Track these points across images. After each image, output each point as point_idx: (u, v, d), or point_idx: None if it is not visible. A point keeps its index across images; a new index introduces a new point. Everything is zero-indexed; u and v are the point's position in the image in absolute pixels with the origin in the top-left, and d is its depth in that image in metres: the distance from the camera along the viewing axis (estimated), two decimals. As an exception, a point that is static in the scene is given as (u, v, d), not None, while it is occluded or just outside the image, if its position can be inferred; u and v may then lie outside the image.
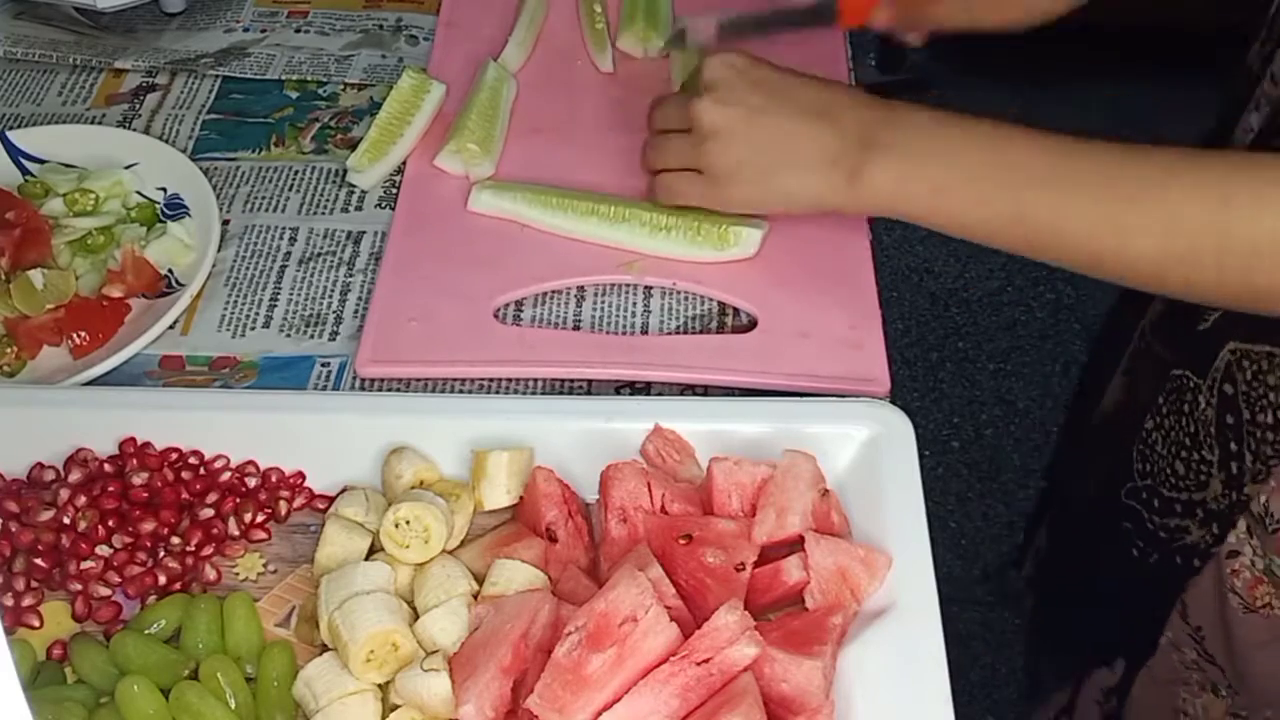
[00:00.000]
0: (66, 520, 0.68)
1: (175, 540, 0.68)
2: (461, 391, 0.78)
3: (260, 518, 0.69)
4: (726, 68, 0.79)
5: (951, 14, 0.91)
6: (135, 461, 0.70)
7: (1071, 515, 1.06)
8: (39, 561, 0.67)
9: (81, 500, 0.68)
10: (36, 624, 0.66)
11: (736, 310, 0.83)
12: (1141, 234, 0.68)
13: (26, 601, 0.66)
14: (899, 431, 0.69)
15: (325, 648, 0.63)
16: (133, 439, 0.71)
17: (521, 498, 0.69)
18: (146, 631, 0.64)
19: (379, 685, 0.61)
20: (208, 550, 0.68)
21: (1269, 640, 0.85)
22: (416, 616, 0.63)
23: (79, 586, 0.66)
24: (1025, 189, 0.71)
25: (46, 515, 0.68)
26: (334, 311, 0.83)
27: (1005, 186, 0.72)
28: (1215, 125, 0.88)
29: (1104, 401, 1.00)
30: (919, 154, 0.74)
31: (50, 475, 0.71)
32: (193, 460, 0.71)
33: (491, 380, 0.79)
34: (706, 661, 0.58)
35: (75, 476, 0.69)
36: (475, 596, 0.64)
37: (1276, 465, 0.79)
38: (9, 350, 0.80)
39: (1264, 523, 0.81)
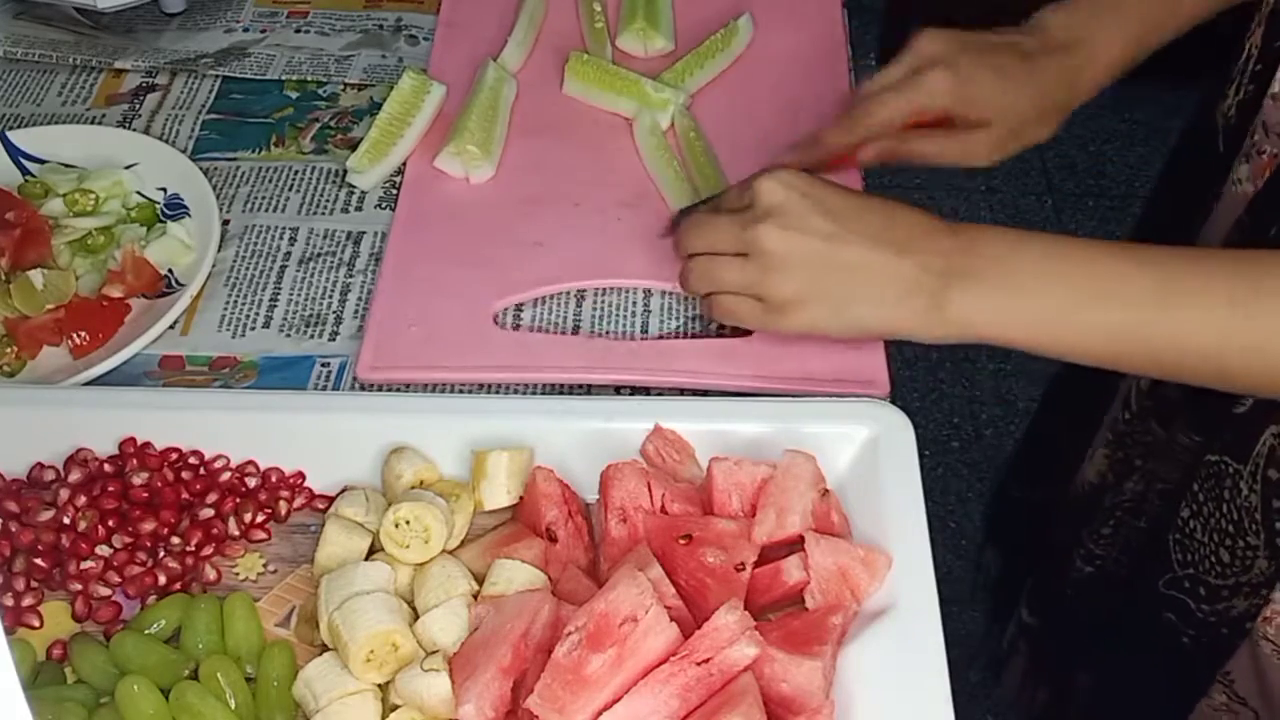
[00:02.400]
0: (66, 520, 0.68)
1: (175, 540, 0.68)
2: (462, 391, 0.78)
3: (260, 518, 0.69)
4: (786, 189, 0.73)
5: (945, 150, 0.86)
6: (135, 461, 0.70)
7: (1079, 596, 1.04)
8: (39, 561, 0.67)
9: (81, 500, 0.68)
10: (36, 624, 0.66)
11: (736, 310, 0.82)
12: (1263, 344, 0.65)
13: (26, 601, 0.66)
14: (899, 431, 0.69)
15: (325, 648, 0.63)
16: (133, 439, 0.71)
17: (521, 498, 0.69)
18: (146, 631, 0.64)
19: (379, 685, 0.61)
20: (208, 550, 0.68)
21: None
22: (416, 616, 0.63)
23: (79, 586, 0.66)
24: (1133, 310, 0.68)
25: (46, 515, 0.68)
26: (334, 312, 0.83)
27: (1110, 310, 0.69)
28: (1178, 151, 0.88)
29: (1086, 473, 0.99)
30: (1007, 286, 0.70)
31: (50, 475, 0.71)
32: (193, 460, 0.71)
33: (491, 385, 0.79)
34: (706, 661, 0.58)
35: (75, 476, 0.69)
36: (475, 596, 0.64)
37: None
38: (9, 350, 0.80)
39: None
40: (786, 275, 0.72)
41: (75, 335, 0.80)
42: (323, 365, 0.80)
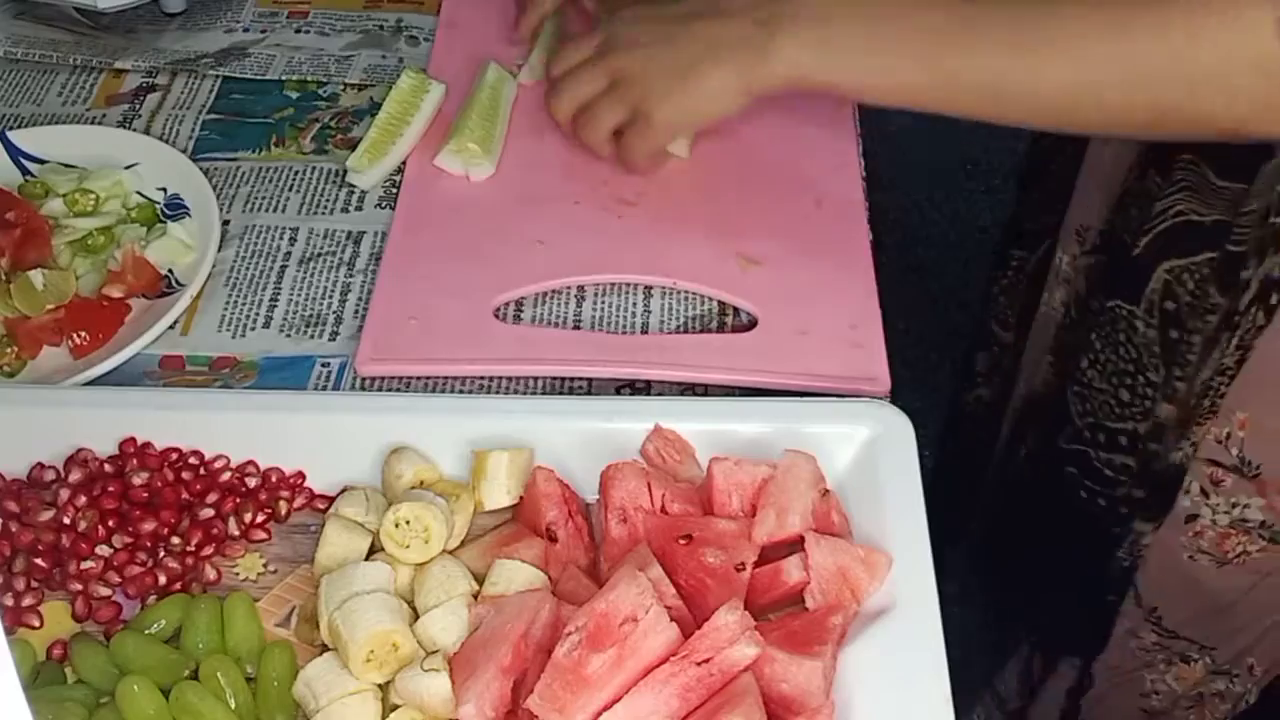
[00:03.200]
0: (66, 520, 0.68)
1: (175, 540, 0.68)
2: (461, 391, 0.78)
3: (260, 518, 0.69)
4: (624, 19, 0.83)
5: None
6: (135, 461, 0.70)
7: (1007, 483, 1.06)
8: (39, 561, 0.67)
9: (81, 500, 0.68)
10: (36, 624, 0.66)
11: (736, 310, 0.83)
12: (1051, 70, 0.69)
13: (26, 601, 0.66)
14: (899, 431, 0.69)
15: (325, 648, 0.63)
16: (133, 439, 0.71)
17: (521, 498, 0.69)
18: (146, 631, 0.64)
19: (379, 685, 0.61)
20: (208, 550, 0.68)
21: (1253, 584, 0.86)
22: (416, 616, 0.63)
23: (79, 586, 0.66)
24: (927, 40, 0.73)
25: (46, 515, 0.68)
26: (334, 312, 0.83)
27: (904, 39, 0.73)
28: None
29: (1034, 382, 1.00)
30: (824, 28, 0.75)
31: (50, 475, 0.70)
32: (193, 460, 0.71)
33: (491, 379, 0.79)
34: (707, 661, 0.58)
35: (75, 476, 0.69)
36: (475, 596, 0.64)
37: (1223, 399, 0.80)
38: (9, 350, 0.80)
39: (1242, 470, 0.82)
40: (632, 53, 0.81)
41: (75, 335, 0.80)
42: (323, 365, 0.80)
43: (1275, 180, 0.74)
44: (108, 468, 0.70)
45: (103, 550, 0.67)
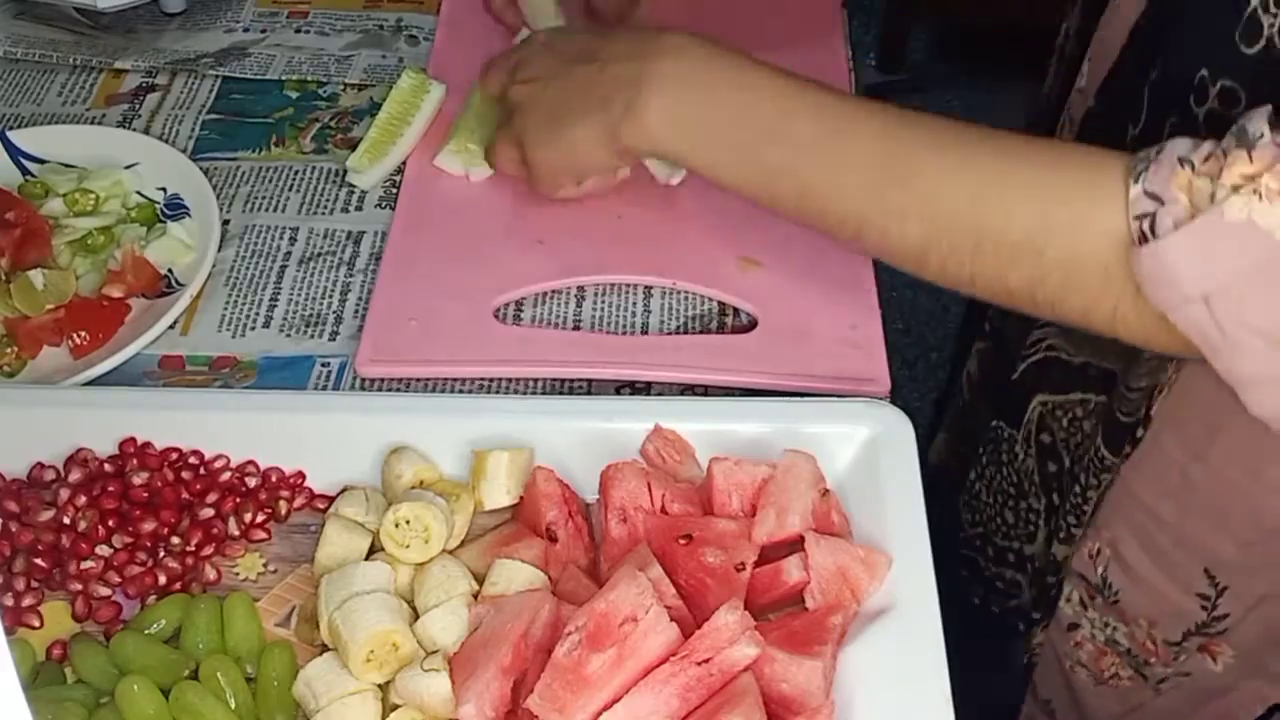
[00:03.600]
0: (66, 520, 0.68)
1: (175, 540, 0.68)
2: (461, 391, 0.78)
3: (260, 518, 0.69)
4: (534, 45, 0.82)
5: None
6: (135, 461, 0.70)
7: None
8: (39, 561, 0.67)
9: (81, 500, 0.68)
10: (36, 624, 0.66)
11: (736, 310, 0.83)
12: (904, 216, 0.64)
13: (26, 601, 0.66)
14: (899, 431, 0.69)
15: (325, 648, 0.63)
16: (133, 439, 0.71)
17: (521, 498, 0.69)
18: (146, 631, 0.64)
19: (379, 685, 0.61)
20: (208, 550, 0.68)
21: (1122, 712, 0.85)
22: (416, 616, 0.63)
23: (79, 586, 0.66)
24: (792, 149, 0.67)
25: (46, 515, 0.68)
26: (334, 311, 0.83)
27: (769, 142, 0.68)
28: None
29: (930, 457, 1.00)
30: (688, 88, 0.71)
31: (50, 475, 0.70)
32: (193, 460, 0.71)
33: (491, 380, 0.79)
34: (707, 662, 0.58)
35: (75, 476, 0.69)
36: (475, 596, 0.64)
37: (1089, 526, 0.79)
38: (9, 350, 0.80)
39: (1103, 593, 0.81)
40: (523, 115, 0.80)
41: (75, 335, 0.80)
42: (323, 365, 0.80)
43: (1149, 373, 0.72)
44: (108, 468, 0.70)
45: (103, 550, 0.67)
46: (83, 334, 0.80)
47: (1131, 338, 0.61)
